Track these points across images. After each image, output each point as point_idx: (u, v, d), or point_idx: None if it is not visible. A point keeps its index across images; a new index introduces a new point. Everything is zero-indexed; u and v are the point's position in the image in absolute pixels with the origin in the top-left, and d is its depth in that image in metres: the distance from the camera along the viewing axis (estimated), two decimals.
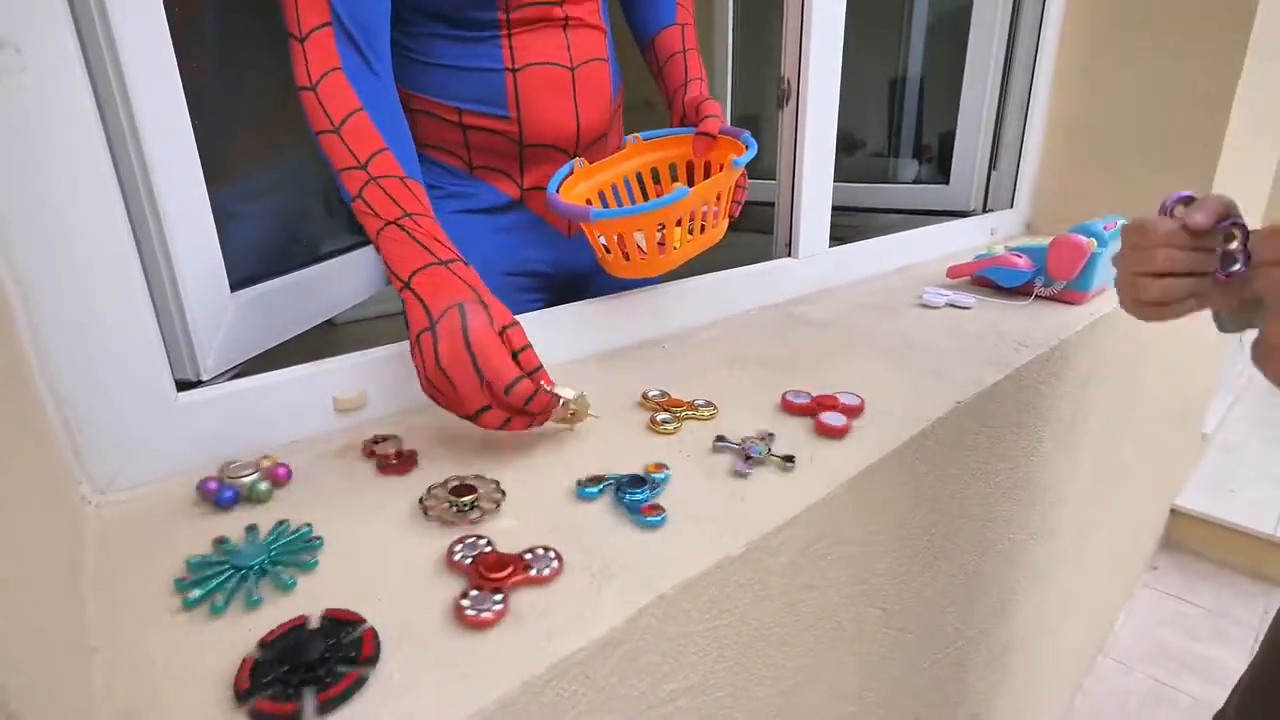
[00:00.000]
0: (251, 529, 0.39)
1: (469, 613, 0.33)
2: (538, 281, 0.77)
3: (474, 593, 0.34)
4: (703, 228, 0.64)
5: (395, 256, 0.49)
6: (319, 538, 0.39)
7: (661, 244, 0.64)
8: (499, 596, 0.34)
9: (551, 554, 0.37)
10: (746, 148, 0.66)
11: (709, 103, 0.71)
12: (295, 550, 0.37)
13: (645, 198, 0.75)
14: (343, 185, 0.51)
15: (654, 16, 0.77)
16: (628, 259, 0.65)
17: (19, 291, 0.38)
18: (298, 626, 0.32)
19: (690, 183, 0.74)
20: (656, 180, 0.75)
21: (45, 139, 0.38)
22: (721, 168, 0.70)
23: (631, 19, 0.80)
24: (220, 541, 0.38)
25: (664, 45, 0.76)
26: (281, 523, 0.40)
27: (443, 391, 0.46)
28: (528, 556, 0.37)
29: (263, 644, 0.31)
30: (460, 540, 0.38)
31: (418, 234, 0.50)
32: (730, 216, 0.69)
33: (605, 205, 0.73)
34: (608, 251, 0.65)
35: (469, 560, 0.36)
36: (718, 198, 0.64)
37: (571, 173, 0.70)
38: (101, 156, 0.40)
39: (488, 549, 0.37)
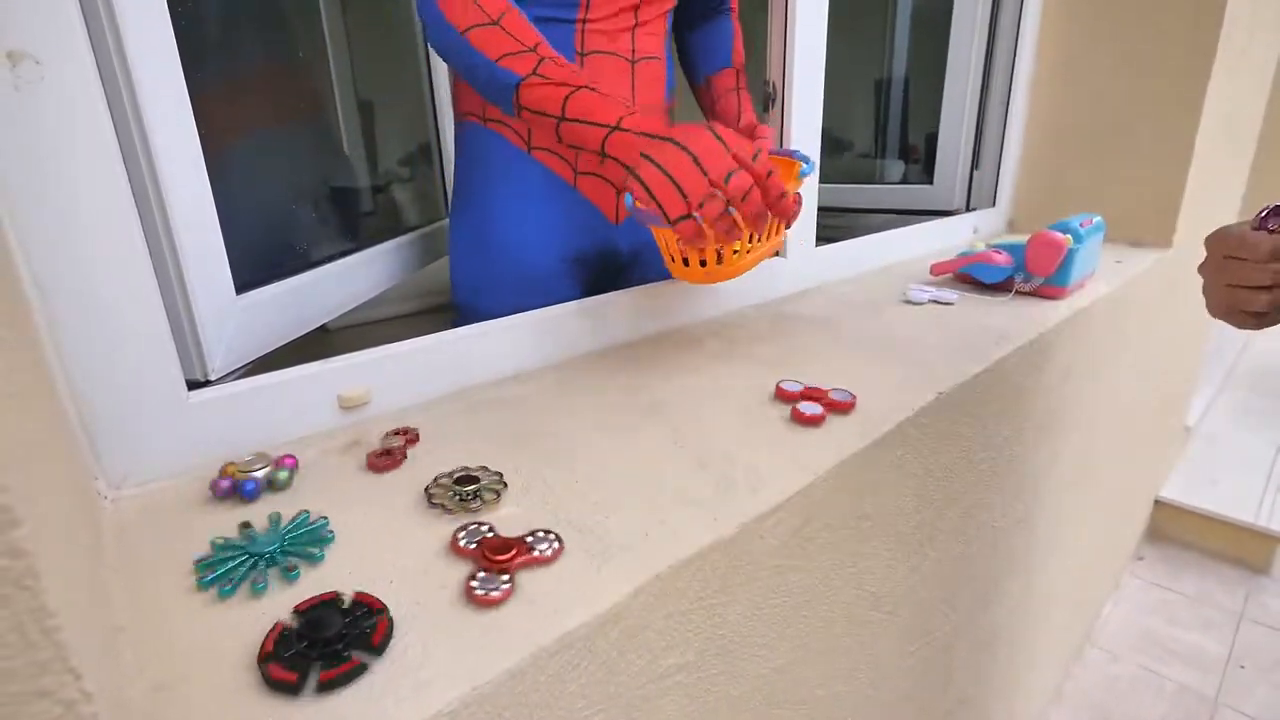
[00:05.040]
0: (273, 517, 0.41)
1: (479, 592, 0.34)
2: (582, 269, 0.81)
3: (481, 574, 0.36)
4: (766, 236, 0.67)
5: (595, 109, 0.55)
6: (325, 518, 0.41)
7: (735, 251, 0.65)
8: (506, 577, 0.36)
9: (552, 536, 0.39)
10: (801, 163, 0.71)
11: (762, 127, 0.77)
12: (308, 538, 0.39)
13: None
14: (503, 70, 0.57)
15: (713, 59, 0.84)
16: (704, 265, 0.65)
17: (39, 293, 0.40)
18: (330, 600, 0.34)
19: None
20: None
21: (62, 148, 0.39)
22: None
23: (690, 59, 0.86)
24: (245, 526, 0.40)
25: (720, 84, 0.82)
26: (302, 512, 0.41)
27: (673, 180, 0.52)
28: (529, 539, 0.39)
29: (297, 611, 0.33)
30: (463, 527, 0.40)
31: (608, 95, 0.57)
32: (787, 225, 0.72)
33: None
34: (685, 262, 0.65)
35: (473, 545, 0.38)
36: None
37: None
38: (115, 164, 0.42)
39: (490, 534, 0.39)
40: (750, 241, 0.64)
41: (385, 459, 0.48)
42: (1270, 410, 2.29)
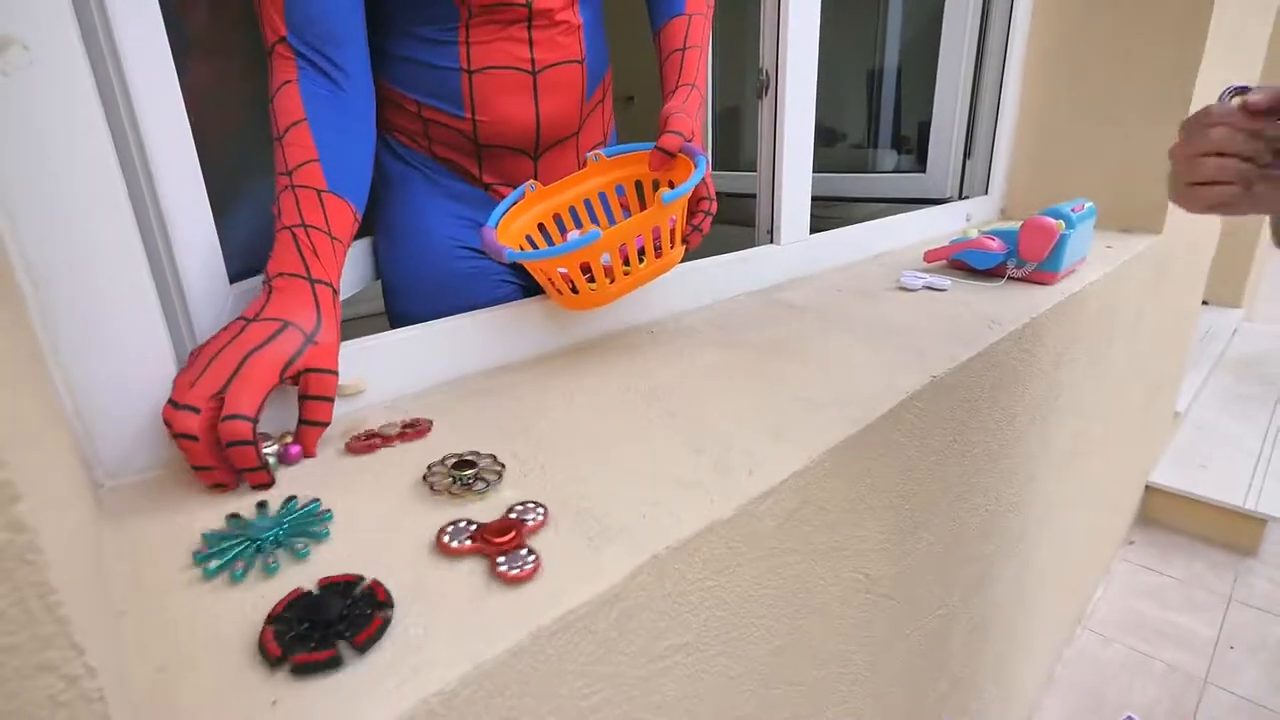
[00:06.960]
0: (262, 505, 0.41)
1: (504, 569, 0.35)
2: (507, 271, 0.77)
3: (500, 559, 0.36)
4: (658, 251, 0.60)
5: (275, 258, 0.51)
6: (328, 510, 0.41)
7: (624, 268, 0.60)
8: (525, 551, 0.36)
9: (540, 508, 0.40)
10: (695, 167, 0.59)
11: (676, 117, 0.62)
12: (306, 523, 0.39)
13: (610, 217, 0.71)
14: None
15: (665, 6, 0.72)
16: (575, 292, 0.61)
17: (31, 282, 0.40)
18: (301, 596, 0.33)
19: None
20: (625, 194, 0.71)
21: (53, 134, 0.39)
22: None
23: (648, 5, 0.75)
24: (233, 516, 0.40)
25: (666, 40, 0.70)
26: (291, 498, 0.41)
27: (186, 380, 0.43)
28: (512, 516, 0.39)
29: (273, 617, 0.32)
30: (448, 526, 0.38)
31: (303, 244, 0.51)
32: (686, 243, 0.65)
33: (564, 229, 0.72)
34: (559, 291, 0.61)
35: (466, 541, 0.37)
36: (672, 220, 0.60)
37: (523, 197, 0.66)
38: (107, 152, 0.41)
39: (474, 527, 0.38)
40: (639, 260, 0.60)
41: (364, 443, 0.48)
42: (1258, 395, 2.31)
